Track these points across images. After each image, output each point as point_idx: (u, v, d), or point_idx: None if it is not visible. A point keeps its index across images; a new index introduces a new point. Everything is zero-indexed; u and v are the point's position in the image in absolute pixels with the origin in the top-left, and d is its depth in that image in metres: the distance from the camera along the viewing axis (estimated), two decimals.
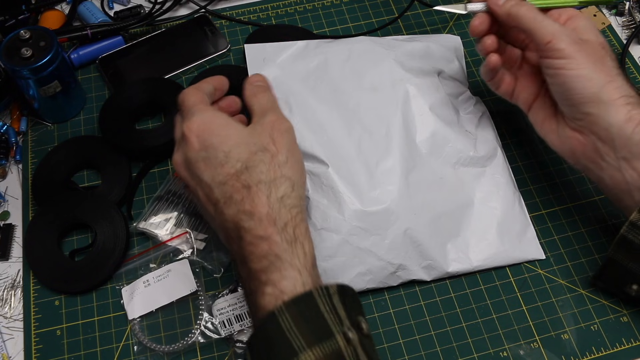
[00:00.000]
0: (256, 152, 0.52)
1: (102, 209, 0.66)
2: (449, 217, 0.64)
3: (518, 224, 0.66)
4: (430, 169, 0.65)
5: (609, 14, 0.84)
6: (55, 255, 0.64)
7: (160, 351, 0.60)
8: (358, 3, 0.85)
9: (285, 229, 0.49)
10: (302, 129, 0.64)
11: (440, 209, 0.64)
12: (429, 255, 0.62)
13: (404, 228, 0.62)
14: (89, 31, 0.78)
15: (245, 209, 0.50)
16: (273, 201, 0.50)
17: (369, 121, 0.66)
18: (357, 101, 0.67)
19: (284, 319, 0.45)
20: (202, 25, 0.82)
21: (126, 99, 0.73)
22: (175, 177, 0.68)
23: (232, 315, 0.60)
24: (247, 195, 0.50)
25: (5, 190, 0.70)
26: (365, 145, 0.64)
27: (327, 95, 0.67)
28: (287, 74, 0.70)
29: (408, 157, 0.64)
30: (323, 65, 0.70)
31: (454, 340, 0.61)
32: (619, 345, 0.60)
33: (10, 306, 0.63)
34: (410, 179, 0.64)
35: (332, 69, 0.69)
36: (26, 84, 0.69)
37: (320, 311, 0.45)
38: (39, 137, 0.74)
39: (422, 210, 0.63)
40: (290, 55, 0.72)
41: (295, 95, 0.68)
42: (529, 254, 0.65)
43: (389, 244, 0.61)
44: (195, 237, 0.65)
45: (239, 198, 0.51)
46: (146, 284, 0.62)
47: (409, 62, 0.70)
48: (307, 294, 0.46)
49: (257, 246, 0.49)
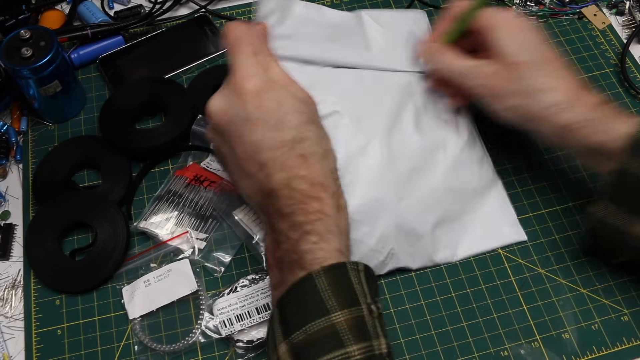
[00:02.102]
0: (307, 123, 0.53)
1: (103, 209, 0.66)
2: (435, 204, 0.64)
3: (499, 207, 0.67)
4: (416, 154, 0.64)
5: (610, 13, 0.84)
6: (56, 255, 0.64)
7: (160, 351, 0.60)
8: (358, 3, 0.85)
9: (334, 197, 0.52)
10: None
11: (426, 197, 0.63)
12: (415, 244, 0.63)
13: (393, 218, 0.61)
14: (89, 31, 0.78)
15: (300, 174, 0.51)
16: (326, 172, 0.52)
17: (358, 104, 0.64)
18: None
19: (320, 281, 0.47)
20: (202, 25, 0.82)
21: (126, 99, 0.73)
22: (176, 176, 0.68)
23: (232, 315, 0.60)
24: (302, 163, 0.51)
25: (6, 190, 0.70)
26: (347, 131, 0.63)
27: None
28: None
29: (398, 145, 0.63)
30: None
31: (454, 339, 0.61)
32: (619, 344, 0.60)
33: (11, 306, 0.63)
34: (396, 165, 0.63)
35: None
36: (26, 83, 0.69)
37: (351, 282, 0.48)
38: (40, 137, 0.74)
39: (409, 198, 0.62)
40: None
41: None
42: (511, 237, 0.66)
43: (379, 235, 0.61)
44: (196, 237, 0.65)
45: (293, 164, 0.51)
46: (147, 283, 0.62)
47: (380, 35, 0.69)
48: (341, 264, 0.49)
49: (308, 204, 0.50)
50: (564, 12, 0.84)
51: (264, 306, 0.60)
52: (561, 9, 0.84)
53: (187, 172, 0.68)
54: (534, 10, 0.84)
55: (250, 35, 0.54)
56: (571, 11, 0.84)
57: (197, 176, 0.68)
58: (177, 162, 0.71)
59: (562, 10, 0.84)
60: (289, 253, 0.50)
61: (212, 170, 0.69)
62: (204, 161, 0.70)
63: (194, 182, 0.67)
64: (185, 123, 0.71)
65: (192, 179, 0.67)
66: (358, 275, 0.49)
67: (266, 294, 0.61)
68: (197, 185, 0.67)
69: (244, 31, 0.54)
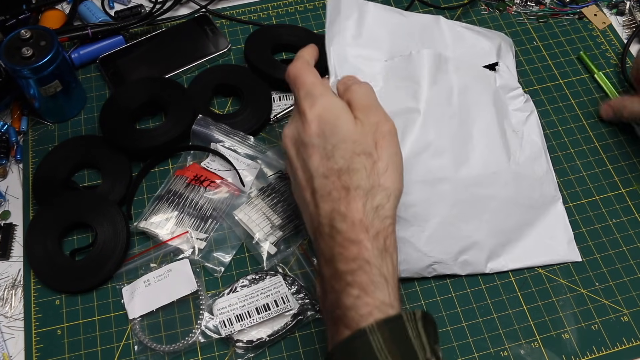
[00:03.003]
0: (359, 155, 0.51)
1: (103, 209, 0.66)
2: (491, 215, 0.63)
3: (556, 224, 0.66)
4: (478, 161, 0.64)
5: (610, 13, 0.84)
6: (56, 255, 0.64)
7: (160, 351, 0.60)
8: None
9: (376, 237, 0.49)
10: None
11: (483, 207, 0.63)
12: (467, 251, 0.62)
13: (444, 222, 0.61)
14: (89, 31, 0.78)
15: (340, 210, 0.50)
16: (368, 209, 0.50)
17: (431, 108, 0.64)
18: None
19: (374, 338, 0.45)
20: (202, 25, 0.82)
21: (127, 99, 0.73)
22: (176, 176, 0.68)
23: (232, 315, 0.60)
24: (344, 196, 0.50)
25: (6, 190, 0.70)
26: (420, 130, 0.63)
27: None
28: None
29: (462, 149, 0.63)
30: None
31: (454, 339, 0.61)
32: (619, 344, 0.60)
33: (11, 305, 0.63)
34: (460, 173, 0.62)
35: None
36: (27, 83, 0.69)
37: (408, 335, 0.45)
38: (40, 137, 0.74)
39: (464, 206, 0.62)
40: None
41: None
42: (565, 256, 0.65)
43: (428, 237, 0.61)
44: (196, 237, 0.65)
45: (337, 196, 0.50)
46: (147, 283, 0.62)
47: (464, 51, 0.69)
48: (397, 316, 0.46)
49: (347, 249, 0.48)
50: (565, 12, 0.84)
51: (263, 306, 0.60)
52: (561, 9, 0.84)
53: (187, 172, 0.68)
54: (535, 10, 0.84)
55: (307, 71, 0.56)
56: (571, 11, 0.84)
57: (197, 176, 0.68)
58: (177, 162, 0.71)
59: (563, 10, 0.84)
60: (333, 307, 0.48)
61: (212, 170, 0.69)
62: (204, 161, 0.70)
63: (194, 182, 0.67)
64: (186, 123, 0.71)
65: (192, 179, 0.68)
66: (415, 326, 0.46)
67: (266, 294, 0.61)
68: (197, 185, 0.67)
69: (302, 67, 0.57)
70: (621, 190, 0.69)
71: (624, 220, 0.67)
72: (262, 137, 0.73)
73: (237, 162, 0.69)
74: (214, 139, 0.70)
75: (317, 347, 0.60)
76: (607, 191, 0.69)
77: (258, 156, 0.70)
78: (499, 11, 0.84)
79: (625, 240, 0.66)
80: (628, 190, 0.69)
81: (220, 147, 0.70)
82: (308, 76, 0.56)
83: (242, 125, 0.72)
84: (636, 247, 0.66)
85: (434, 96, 0.63)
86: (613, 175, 0.70)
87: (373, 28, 0.67)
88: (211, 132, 0.71)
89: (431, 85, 0.64)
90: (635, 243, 0.66)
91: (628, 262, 0.65)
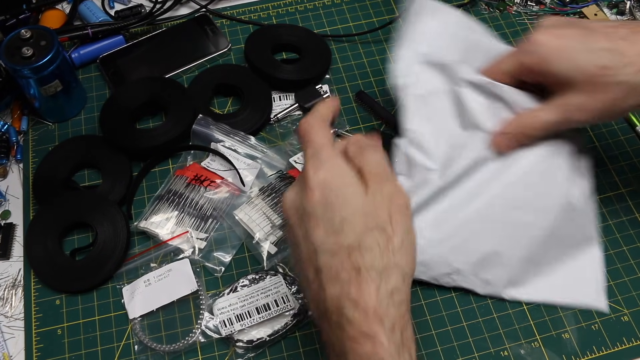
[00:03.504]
0: (372, 230, 0.45)
1: (103, 208, 0.66)
2: (526, 242, 0.61)
3: (590, 269, 0.63)
4: (529, 188, 0.60)
5: (610, 13, 0.84)
6: (56, 255, 0.64)
7: (160, 350, 0.60)
8: (359, 2, 0.85)
9: (393, 330, 0.43)
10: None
11: (521, 232, 0.61)
12: (490, 270, 0.61)
13: (474, 235, 0.60)
14: (89, 30, 0.78)
15: (350, 296, 0.43)
16: (382, 295, 0.44)
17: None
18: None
19: None
20: (202, 25, 0.82)
21: (127, 99, 0.73)
22: (176, 175, 0.68)
23: (232, 314, 0.60)
24: (354, 278, 0.44)
25: (6, 190, 0.70)
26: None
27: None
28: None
29: (509, 171, 0.60)
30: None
31: (454, 339, 0.61)
32: (619, 344, 0.60)
33: (11, 305, 0.63)
34: (505, 192, 0.60)
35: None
36: (27, 83, 0.69)
37: None
38: (40, 137, 0.74)
39: (499, 226, 0.60)
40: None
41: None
42: (591, 302, 0.62)
43: (454, 245, 0.60)
44: (196, 237, 0.65)
45: (345, 278, 0.44)
46: (147, 283, 0.62)
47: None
48: None
49: (361, 344, 0.43)
50: (565, 12, 0.84)
51: (264, 306, 0.60)
52: (562, 8, 0.84)
53: (187, 172, 0.68)
54: (535, 10, 0.84)
55: (319, 129, 0.50)
56: (572, 11, 0.84)
57: (197, 176, 0.68)
58: (177, 161, 0.71)
59: (563, 10, 0.84)
60: None
61: (213, 169, 0.69)
62: (204, 161, 0.70)
63: (195, 182, 0.67)
64: (186, 123, 0.71)
65: (192, 179, 0.68)
66: None
67: (266, 293, 0.61)
68: (198, 185, 0.67)
69: (314, 124, 0.51)
70: (621, 190, 0.69)
71: (624, 220, 0.67)
72: (262, 137, 0.73)
73: (237, 162, 0.69)
74: (214, 138, 0.70)
75: (317, 347, 0.60)
76: (607, 191, 0.69)
77: (258, 156, 0.70)
78: (499, 11, 0.84)
79: (625, 240, 0.66)
80: (628, 191, 0.69)
81: (220, 147, 0.70)
82: (317, 135, 0.49)
83: (242, 125, 0.72)
84: (636, 247, 0.65)
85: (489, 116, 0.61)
86: (613, 176, 0.70)
87: (449, 38, 0.65)
88: (211, 132, 0.71)
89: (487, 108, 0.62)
90: (635, 243, 0.66)
91: (628, 262, 0.65)
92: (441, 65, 0.63)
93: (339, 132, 0.72)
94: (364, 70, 0.79)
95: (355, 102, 0.76)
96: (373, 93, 0.77)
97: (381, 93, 0.77)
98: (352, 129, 0.73)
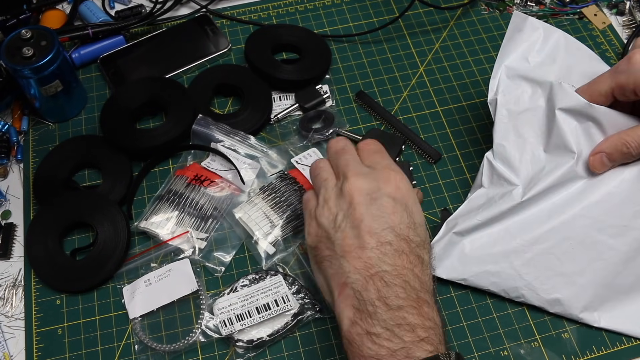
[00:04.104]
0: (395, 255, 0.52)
1: (103, 208, 0.66)
2: (603, 265, 0.59)
3: None
4: (610, 209, 0.59)
5: (610, 13, 0.84)
6: (57, 255, 0.64)
7: (161, 350, 0.60)
8: (359, 2, 0.85)
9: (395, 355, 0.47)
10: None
11: (598, 254, 0.59)
12: (562, 290, 0.60)
13: (549, 252, 0.59)
14: (90, 30, 0.78)
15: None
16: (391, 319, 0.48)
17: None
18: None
19: None
20: (203, 25, 0.82)
21: (127, 99, 0.73)
22: (177, 175, 0.68)
23: (232, 314, 0.60)
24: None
25: (7, 190, 0.70)
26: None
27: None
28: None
29: (594, 190, 0.59)
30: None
31: (454, 339, 0.61)
32: (619, 344, 0.60)
33: (11, 305, 0.64)
34: (587, 211, 0.59)
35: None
36: (27, 83, 0.69)
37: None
38: (40, 137, 0.74)
39: (577, 246, 0.59)
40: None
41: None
42: None
43: (528, 259, 0.60)
44: (196, 237, 0.65)
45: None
46: (147, 283, 0.62)
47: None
48: (434, 357, 0.46)
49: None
50: (565, 12, 0.84)
51: (264, 306, 0.60)
52: (561, 9, 0.84)
53: (187, 172, 0.68)
54: (535, 10, 0.84)
55: (328, 162, 0.58)
56: (571, 11, 0.84)
57: (197, 176, 0.68)
58: (177, 161, 0.71)
59: (563, 10, 0.84)
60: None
61: (213, 169, 0.69)
62: (204, 161, 0.70)
63: (195, 182, 0.67)
64: (186, 123, 0.71)
65: (192, 179, 0.68)
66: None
67: (266, 293, 0.61)
68: (198, 185, 0.67)
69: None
70: None
71: None
72: (262, 136, 0.73)
73: (237, 162, 0.69)
74: (215, 138, 0.71)
75: (317, 347, 0.60)
76: None
77: (258, 156, 0.70)
78: (499, 11, 0.84)
79: None
80: None
81: (220, 146, 0.70)
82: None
83: (242, 125, 0.72)
84: None
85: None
86: None
87: (547, 56, 0.65)
88: (211, 132, 0.71)
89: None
90: None
91: None
92: (539, 82, 0.63)
93: (339, 132, 0.72)
94: (364, 70, 0.79)
95: (355, 102, 0.76)
96: (373, 93, 0.77)
97: (381, 93, 0.77)
98: (352, 129, 0.73)
